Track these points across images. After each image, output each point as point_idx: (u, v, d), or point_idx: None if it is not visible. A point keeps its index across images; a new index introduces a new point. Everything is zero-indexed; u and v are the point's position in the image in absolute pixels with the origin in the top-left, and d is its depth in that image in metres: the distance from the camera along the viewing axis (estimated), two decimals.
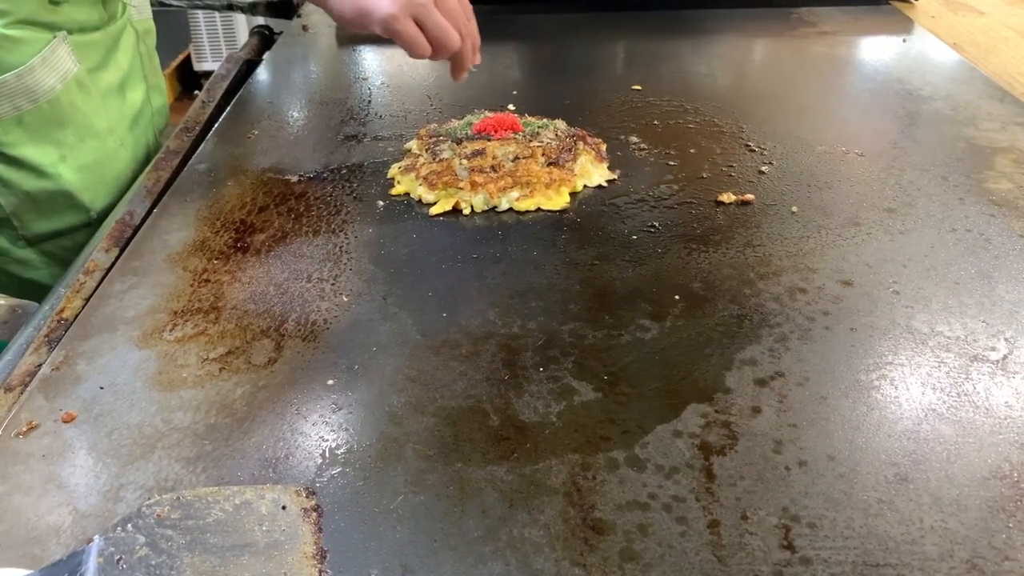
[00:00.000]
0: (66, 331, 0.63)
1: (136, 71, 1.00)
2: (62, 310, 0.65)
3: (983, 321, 0.61)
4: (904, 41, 1.16)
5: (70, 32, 0.85)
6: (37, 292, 0.91)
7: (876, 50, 1.15)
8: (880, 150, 0.86)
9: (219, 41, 3.20)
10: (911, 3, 1.33)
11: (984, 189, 0.77)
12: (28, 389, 0.57)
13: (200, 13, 3.13)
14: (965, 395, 0.54)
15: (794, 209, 0.75)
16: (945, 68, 1.07)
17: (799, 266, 0.67)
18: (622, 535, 0.45)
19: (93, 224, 0.91)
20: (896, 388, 0.55)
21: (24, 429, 0.53)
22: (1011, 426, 0.51)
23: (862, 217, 0.74)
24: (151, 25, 1.05)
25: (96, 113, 0.90)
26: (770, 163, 0.83)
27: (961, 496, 0.47)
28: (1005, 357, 0.57)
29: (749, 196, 0.77)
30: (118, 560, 0.40)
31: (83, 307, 0.66)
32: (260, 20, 1.43)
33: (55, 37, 0.83)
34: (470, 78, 0.84)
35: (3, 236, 0.90)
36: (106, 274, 0.70)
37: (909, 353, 0.58)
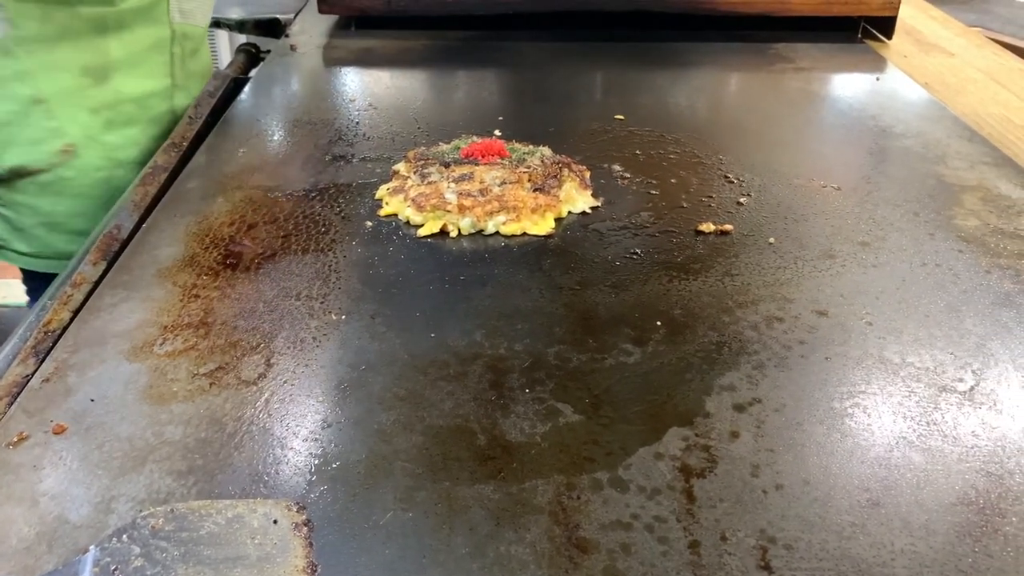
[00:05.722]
0: (54, 343, 0.63)
1: (155, 67, 1.04)
2: (49, 322, 0.66)
3: (951, 353, 0.63)
4: (877, 79, 1.20)
5: None
6: None
7: (850, 87, 1.19)
8: (854, 184, 0.88)
9: None
10: (884, 42, 1.37)
11: (953, 225, 0.80)
12: (17, 400, 0.57)
13: None
14: (934, 424, 0.56)
15: (771, 240, 0.78)
16: (916, 106, 1.11)
17: (776, 296, 0.70)
18: (606, 554, 0.46)
19: (4, 180, 0.97)
20: (868, 416, 0.57)
21: (15, 440, 0.53)
22: (977, 455, 0.53)
23: (837, 249, 0.76)
24: (192, 30, 1.09)
25: (19, 77, 0.93)
26: (748, 195, 0.86)
27: (930, 521, 0.49)
28: (972, 388, 0.59)
29: (728, 226, 0.79)
30: (114, 570, 0.41)
31: (71, 319, 0.66)
32: (244, 38, 1.44)
33: None
34: (457, 103, 0.85)
35: None
36: (94, 287, 0.70)
37: (881, 383, 0.60)
